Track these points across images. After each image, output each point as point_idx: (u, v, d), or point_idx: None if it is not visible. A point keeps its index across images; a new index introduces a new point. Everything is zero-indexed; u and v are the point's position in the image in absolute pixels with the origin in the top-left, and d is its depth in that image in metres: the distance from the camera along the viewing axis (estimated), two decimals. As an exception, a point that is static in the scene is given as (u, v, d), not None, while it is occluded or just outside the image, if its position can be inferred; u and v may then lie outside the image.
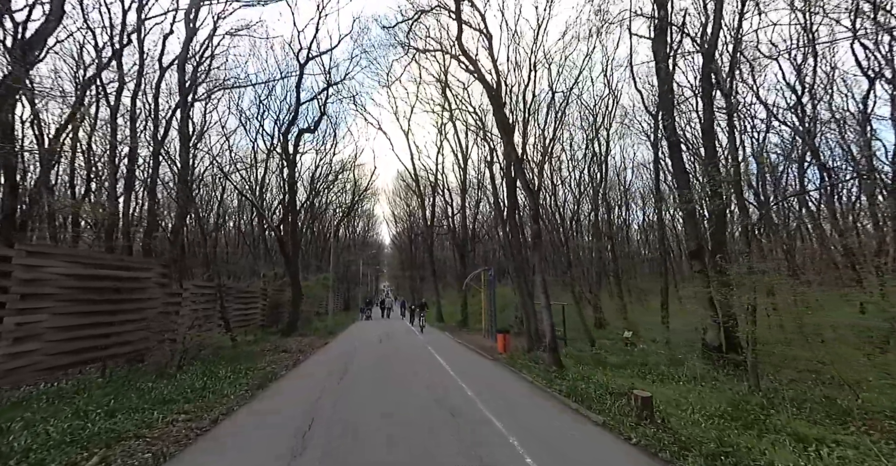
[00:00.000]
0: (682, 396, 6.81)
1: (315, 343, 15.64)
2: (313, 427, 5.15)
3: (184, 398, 6.00)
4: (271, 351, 13.22)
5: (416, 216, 48.29)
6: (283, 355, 12.34)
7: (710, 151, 10.60)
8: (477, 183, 29.01)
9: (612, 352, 12.69)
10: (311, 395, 6.89)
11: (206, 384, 6.90)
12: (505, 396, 7.05)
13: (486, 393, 7.11)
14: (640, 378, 8.56)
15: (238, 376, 8.23)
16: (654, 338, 15.58)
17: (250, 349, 13.64)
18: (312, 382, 8.11)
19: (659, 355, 11.58)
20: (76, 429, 4.49)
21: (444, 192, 30.43)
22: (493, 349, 13.04)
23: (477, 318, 22.85)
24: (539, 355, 11.24)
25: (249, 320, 18.02)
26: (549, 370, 9.16)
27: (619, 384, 7.49)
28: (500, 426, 5.25)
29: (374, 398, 6.62)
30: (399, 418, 5.58)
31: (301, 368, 10.51)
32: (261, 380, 7.88)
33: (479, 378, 8.64)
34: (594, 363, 10.66)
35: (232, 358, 11.09)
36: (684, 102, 16.69)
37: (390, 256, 74.33)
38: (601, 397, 6.48)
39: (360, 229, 52.23)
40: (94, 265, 8.15)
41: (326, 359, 11.94)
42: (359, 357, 11.73)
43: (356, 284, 47.64)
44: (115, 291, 8.57)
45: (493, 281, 15.71)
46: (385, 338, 17.18)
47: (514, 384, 8.22)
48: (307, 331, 19.78)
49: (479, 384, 7.97)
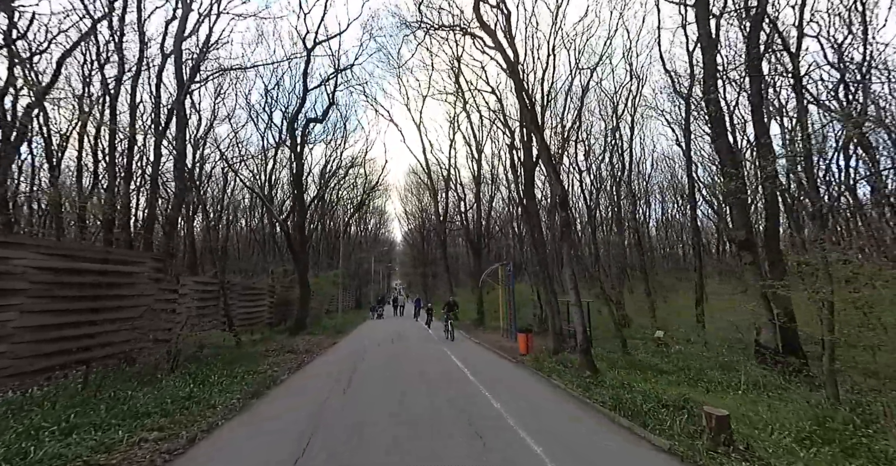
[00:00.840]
0: (750, 410, 5.69)
1: (323, 343, 14.80)
2: (311, 449, 4.21)
3: (162, 410, 5.12)
4: (276, 352, 12.40)
5: (429, 212, 47.38)
6: (287, 356, 11.49)
7: (759, 127, 9.38)
8: (491, 178, 27.96)
9: (646, 354, 11.55)
10: (311, 408, 5.98)
11: (193, 392, 6.02)
12: (537, 407, 6.03)
13: (513, 404, 6.11)
14: (690, 386, 7.44)
15: (233, 381, 7.36)
16: (688, 338, 14.37)
17: (254, 349, 12.85)
18: (316, 388, 7.20)
19: (702, 358, 10.41)
20: (14, 455, 3.61)
21: (456, 187, 29.46)
22: (514, 351, 12.01)
23: (493, 316, 21.81)
24: (567, 357, 10.17)
25: (256, 318, 17.29)
26: (581, 376, 8.10)
27: (670, 394, 6.41)
28: (540, 450, 4.23)
29: (385, 416, 5.67)
30: (415, 443, 4.60)
31: (307, 369, 9.63)
32: (257, 387, 6.99)
33: (504, 385, 7.63)
34: (629, 367, 9.55)
35: (232, 360, 10.27)
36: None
37: (402, 253, 73.64)
38: (654, 411, 5.40)
39: (372, 226, 51.51)
40: (74, 258, 7.35)
41: (335, 360, 11.07)
42: (368, 360, 10.82)
43: (368, 281, 46.90)
44: (99, 286, 7.78)
45: (512, 277, 14.66)
46: (397, 338, 16.27)
47: (544, 392, 7.18)
48: (316, 330, 18.99)
49: (505, 392, 6.97)
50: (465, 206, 31.13)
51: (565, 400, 6.55)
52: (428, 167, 25.07)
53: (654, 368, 9.36)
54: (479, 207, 21.84)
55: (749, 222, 9.49)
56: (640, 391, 6.65)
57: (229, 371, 8.61)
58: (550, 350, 11.01)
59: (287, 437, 4.58)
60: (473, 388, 7.27)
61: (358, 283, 45.27)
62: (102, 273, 7.87)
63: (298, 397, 6.64)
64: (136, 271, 8.90)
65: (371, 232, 51.70)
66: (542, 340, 13.27)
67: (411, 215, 52.29)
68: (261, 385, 7.16)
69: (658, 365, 9.66)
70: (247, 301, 16.39)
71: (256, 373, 8.76)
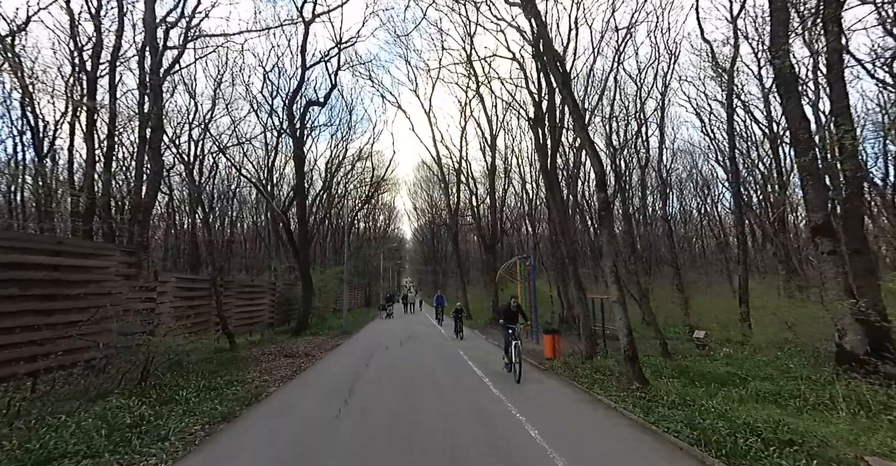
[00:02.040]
0: (886, 444, 4.19)
1: (326, 345, 13.54)
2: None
3: (88, 447, 3.81)
4: (272, 355, 11.16)
5: (439, 207, 46.06)
6: (283, 361, 10.22)
7: (838, 89, 7.78)
8: (504, 171, 26.46)
9: (690, 359, 10.04)
10: (293, 435, 4.65)
11: (144, 417, 4.72)
12: (587, 436, 4.62)
13: (555, 430, 4.70)
14: (776, 405, 5.94)
15: (206, 397, 6.06)
16: (732, 339, 12.79)
17: (249, 353, 11.63)
18: (306, 406, 5.89)
19: (760, 364, 8.87)
20: None
21: (468, 180, 28.05)
22: (539, 354, 10.60)
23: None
24: (603, 363, 8.72)
25: (256, 318, 16.10)
26: (629, 388, 6.66)
27: (756, 417, 4.93)
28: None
29: (391, 442, 4.32)
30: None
31: (302, 378, 8.33)
32: (232, 405, 5.68)
33: (537, 402, 6.23)
34: (679, 375, 8.07)
35: (218, 366, 9.04)
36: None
37: (412, 251, 72.47)
38: (754, 449, 3.94)
39: (382, 223, 50.28)
40: (16, 250, 6.11)
41: (336, 366, 9.76)
42: (374, 367, 9.49)
43: (377, 279, 45.71)
44: (52, 283, 6.54)
45: (533, 272, 13.23)
46: (406, 339, 14.96)
47: (589, 411, 5.75)
48: (320, 330, 17.78)
49: (540, 411, 5.57)
50: (476, 200, 29.74)
51: (619, 423, 5.12)
52: (438, 157, 23.70)
53: (708, 376, 7.87)
54: (493, 198, 20.39)
55: (827, 203, 7.93)
56: (714, 411, 5.19)
57: (209, 382, 7.35)
58: (582, 355, 9.57)
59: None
60: (500, 406, 5.88)
61: (368, 280, 44.13)
62: (56, 268, 6.63)
63: (280, 417, 5.32)
64: (100, 265, 7.66)
65: (381, 229, 50.45)
66: (566, 342, 11.84)
67: (421, 211, 51.05)
68: (239, 403, 5.85)
69: (712, 373, 8.15)
70: (245, 300, 15.18)
71: (242, 384, 7.48)
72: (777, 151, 18.19)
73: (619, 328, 7.30)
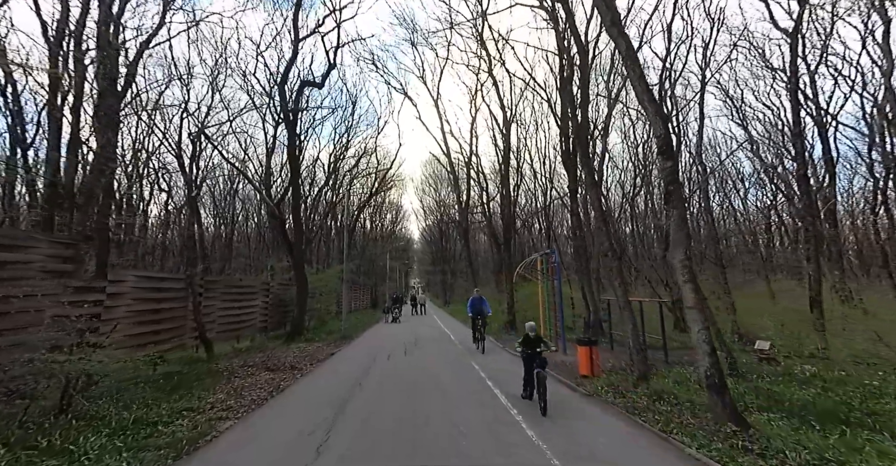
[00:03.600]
0: None
1: (319, 354, 11.77)
2: None
3: None
4: (253, 368, 9.41)
5: (447, 204, 44.20)
6: (263, 376, 8.44)
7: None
8: (517, 165, 24.51)
9: (768, 379, 7.99)
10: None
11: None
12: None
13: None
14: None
15: (122, 443, 4.28)
16: (794, 351, 10.71)
17: (228, 364, 9.91)
18: (264, 460, 4.08)
19: (868, 387, 6.83)
20: None
21: (479, 175, 26.18)
22: (571, 370, 8.68)
23: (525, 320, 18.38)
24: (664, 386, 6.75)
25: (245, 322, 14.41)
26: (721, 432, 4.73)
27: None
28: None
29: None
30: None
31: (276, 402, 6.51)
32: (148, 463, 3.88)
33: (591, 452, 4.34)
34: (768, 404, 6.10)
35: (178, 386, 7.30)
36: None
37: (419, 251, 70.62)
38: None
39: (388, 222, 48.58)
40: None
41: (324, 384, 7.93)
42: (369, 386, 7.65)
43: (384, 279, 43.96)
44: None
45: (559, 268, 11.30)
46: (412, 346, 13.12)
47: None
48: (317, 335, 16.02)
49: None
50: (487, 197, 27.87)
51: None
52: (447, 149, 21.84)
53: (812, 409, 5.88)
54: (508, 190, 18.43)
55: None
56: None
57: (149, 412, 5.60)
58: (631, 373, 7.61)
59: None
60: (536, 453, 4.01)
61: (375, 281, 42.37)
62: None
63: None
64: (19, 259, 5.96)
65: (387, 228, 48.75)
66: (602, 355, 9.89)
67: (429, 210, 49.19)
68: (162, 457, 4.05)
69: (815, 403, 6.14)
70: (231, 302, 13.47)
71: (193, 414, 5.72)
72: (826, 138, 16.08)
73: (697, 343, 5.36)
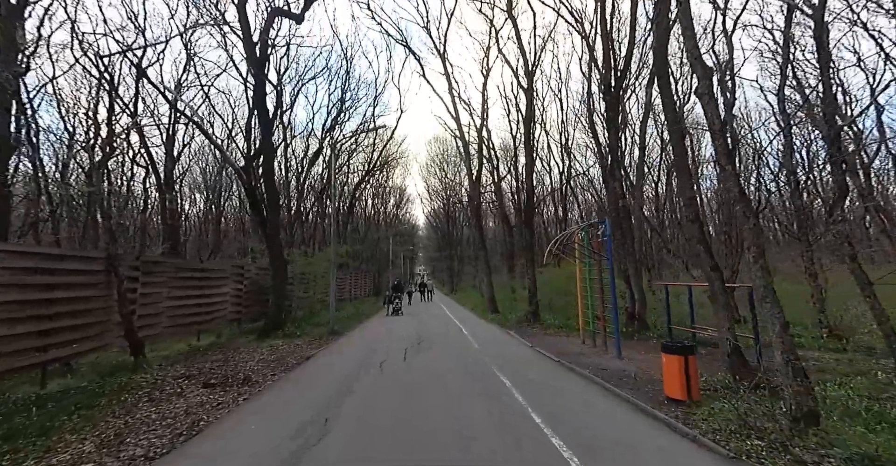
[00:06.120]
0: None
1: (292, 356, 9.03)
2: None
3: None
4: (188, 381, 6.69)
5: (455, 184, 41.07)
6: (188, 400, 5.69)
7: None
8: (535, 137, 21.44)
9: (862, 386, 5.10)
10: None
11: None
12: None
13: None
14: None
15: None
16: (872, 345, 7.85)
17: (161, 374, 7.21)
18: None
19: None
20: None
21: (489, 151, 23.15)
22: (640, 386, 5.82)
23: (550, 309, 15.60)
24: (849, 435, 3.84)
25: (211, 313, 11.69)
26: None
27: None
28: None
29: None
30: None
31: (170, 461, 3.74)
32: None
33: None
34: None
35: (29, 424, 4.55)
36: None
37: (424, 238, 67.67)
38: None
39: (392, 206, 45.62)
40: None
41: (279, 412, 5.05)
42: (349, 410, 4.78)
43: (387, 265, 41.23)
44: None
45: (609, 243, 8.35)
46: (416, 344, 10.36)
47: None
48: (300, 329, 13.26)
49: None
50: (497, 175, 24.88)
51: None
52: (456, 112, 18.70)
53: None
54: (530, 156, 15.35)
55: None
56: None
57: None
58: (773, 403, 4.68)
59: None
60: None
61: (378, 267, 39.65)
62: None
63: None
64: None
65: (391, 212, 45.82)
66: (653, 355, 6.90)
67: (434, 193, 46.04)
68: None
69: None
70: (188, 290, 10.67)
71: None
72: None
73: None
